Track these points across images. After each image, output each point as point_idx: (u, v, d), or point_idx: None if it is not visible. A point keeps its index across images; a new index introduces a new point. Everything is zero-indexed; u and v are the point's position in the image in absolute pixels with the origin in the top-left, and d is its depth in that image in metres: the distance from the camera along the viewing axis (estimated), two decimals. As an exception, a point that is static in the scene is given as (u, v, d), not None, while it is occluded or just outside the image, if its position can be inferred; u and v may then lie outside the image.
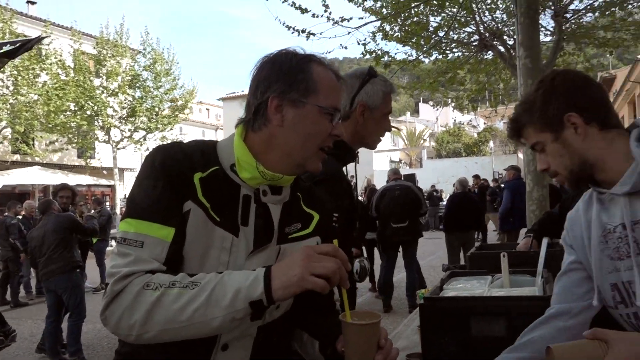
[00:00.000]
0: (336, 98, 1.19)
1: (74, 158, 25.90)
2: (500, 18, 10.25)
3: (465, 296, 1.70)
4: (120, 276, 1.02)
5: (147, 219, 1.06)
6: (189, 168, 1.11)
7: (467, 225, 8.06)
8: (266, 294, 0.98)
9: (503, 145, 42.97)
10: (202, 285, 1.00)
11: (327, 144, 1.18)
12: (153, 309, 0.99)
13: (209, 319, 0.99)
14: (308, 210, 1.29)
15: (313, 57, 1.19)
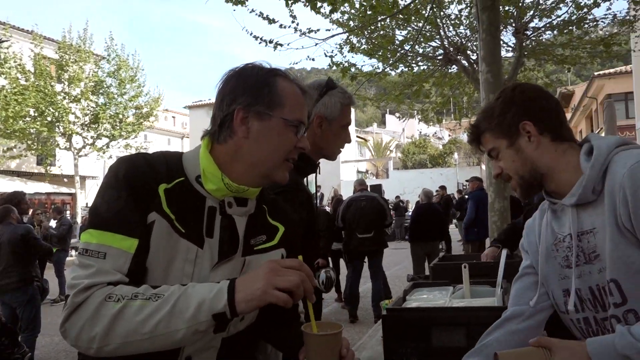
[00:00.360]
0: (301, 111, 1.20)
1: (33, 165, 25.10)
2: (464, 33, 10.52)
3: (427, 307, 1.73)
4: (81, 288, 1.01)
5: (110, 230, 1.05)
6: (153, 179, 1.11)
7: (432, 236, 8.18)
8: (229, 307, 0.98)
9: (467, 157, 43.86)
10: (165, 297, 0.99)
11: (292, 155, 1.20)
12: (114, 321, 0.98)
13: (172, 331, 0.98)
14: (273, 222, 1.29)
15: (278, 71, 1.21)
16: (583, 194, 1.23)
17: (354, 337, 6.26)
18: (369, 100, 12.92)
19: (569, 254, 1.30)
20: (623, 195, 1.15)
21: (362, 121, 71.37)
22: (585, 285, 1.26)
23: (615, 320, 1.20)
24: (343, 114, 1.86)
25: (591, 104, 26.16)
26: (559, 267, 1.34)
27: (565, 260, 1.31)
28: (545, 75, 12.84)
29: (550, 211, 1.38)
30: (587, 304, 1.27)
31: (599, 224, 1.22)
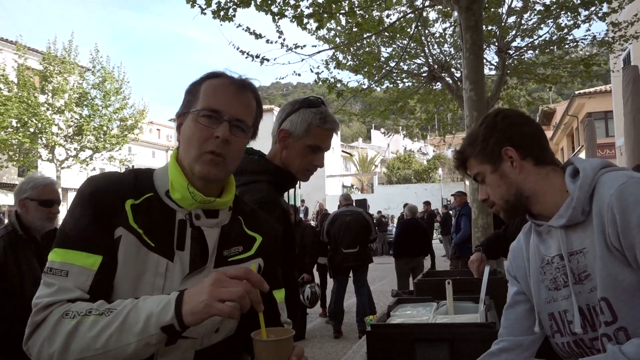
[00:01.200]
0: (216, 100, 1.17)
1: (15, 177, 24.73)
2: (448, 52, 10.70)
3: (411, 323, 1.75)
4: (41, 306, 1.03)
5: (74, 248, 1.07)
6: (119, 196, 1.13)
7: (416, 251, 8.20)
8: (177, 319, 0.96)
9: (451, 172, 44.21)
10: (116, 312, 1.00)
11: (210, 147, 1.15)
12: (70, 337, 0.99)
13: (124, 345, 0.97)
14: (251, 232, 1.29)
15: (214, 74, 1.22)
16: (573, 215, 1.25)
17: (338, 352, 6.24)
18: (354, 116, 13.02)
19: (557, 276, 1.31)
20: (611, 215, 1.17)
21: (347, 136, 71.74)
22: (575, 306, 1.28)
23: (607, 339, 1.21)
24: (309, 134, 1.77)
25: (572, 122, 26.65)
26: (545, 290, 1.35)
27: (552, 283, 1.33)
28: (528, 93, 13.05)
29: (535, 233, 1.40)
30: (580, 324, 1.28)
31: (588, 243, 1.23)
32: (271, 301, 1.27)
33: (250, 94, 1.23)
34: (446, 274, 2.93)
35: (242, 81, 1.22)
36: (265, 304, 1.23)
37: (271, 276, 1.27)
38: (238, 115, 1.17)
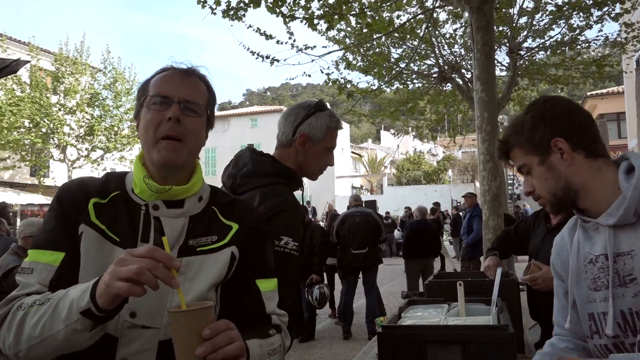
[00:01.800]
0: (164, 87, 1.21)
1: (27, 176, 24.96)
2: (458, 52, 10.65)
3: (422, 325, 1.74)
4: (5, 301, 1.10)
5: (40, 248, 1.15)
6: (83, 196, 1.20)
7: (426, 253, 8.18)
8: (92, 302, 0.96)
9: (461, 174, 44.05)
10: (51, 301, 1.03)
11: (165, 131, 1.18)
12: (19, 328, 1.04)
13: (55, 333, 1.00)
14: (227, 222, 1.28)
15: (161, 69, 1.26)
16: (624, 215, 1.19)
17: (347, 353, 6.23)
18: (364, 117, 13.01)
19: (598, 276, 1.26)
20: None
21: (357, 137, 71.65)
22: (616, 309, 1.22)
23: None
24: (328, 137, 1.88)
25: (584, 123, 26.41)
26: (586, 289, 1.29)
27: (593, 283, 1.27)
28: (539, 94, 12.93)
29: (580, 229, 1.34)
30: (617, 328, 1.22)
31: (637, 246, 1.18)
32: (252, 290, 1.26)
33: (198, 79, 1.26)
34: (457, 276, 2.92)
35: (188, 69, 1.26)
36: (245, 293, 1.26)
37: (251, 264, 1.27)
38: (187, 97, 1.20)
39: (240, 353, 0.99)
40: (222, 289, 1.24)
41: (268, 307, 1.27)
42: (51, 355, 1.05)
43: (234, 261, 1.24)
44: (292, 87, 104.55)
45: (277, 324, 1.28)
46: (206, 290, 1.17)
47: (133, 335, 1.11)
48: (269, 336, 1.21)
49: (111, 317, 1.02)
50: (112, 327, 1.10)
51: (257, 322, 1.24)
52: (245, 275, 1.26)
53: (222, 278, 1.21)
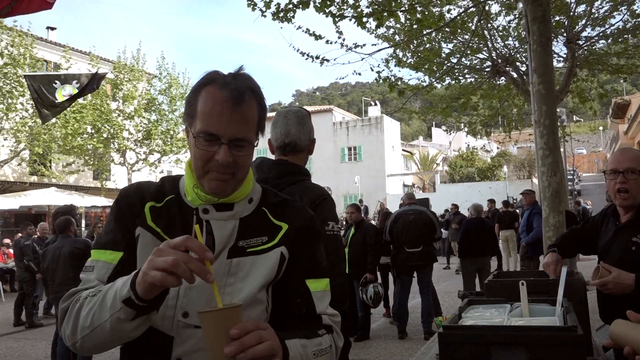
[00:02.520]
0: (212, 122, 1.15)
1: (90, 180, 26.21)
2: (512, 45, 10.35)
3: (485, 325, 1.70)
4: (68, 295, 1.16)
5: (101, 248, 1.22)
6: (139, 200, 1.25)
7: (482, 251, 7.99)
8: (132, 291, 0.99)
9: (517, 170, 42.73)
10: (101, 292, 1.08)
11: (212, 168, 1.17)
12: (75, 319, 1.10)
13: (102, 322, 1.04)
14: (277, 222, 1.29)
15: (210, 79, 1.19)
16: None
17: (403, 353, 6.18)
18: (415, 114, 12.85)
19: None
20: None
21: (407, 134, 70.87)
22: None
23: None
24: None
25: (649, 114, 25.04)
26: None
27: None
28: (599, 85, 12.37)
29: None
30: None
31: None
32: (302, 290, 1.26)
33: (249, 100, 1.19)
34: (518, 275, 2.83)
35: (237, 92, 1.16)
36: (295, 293, 1.25)
37: (301, 264, 1.27)
38: (237, 135, 1.16)
39: (271, 353, 0.98)
40: (273, 289, 1.25)
41: (318, 307, 1.26)
42: (102, 347, 1.10)
43: (284, 261, 1.25)
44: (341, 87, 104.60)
45: (328, 324, 1.26)
46: (257, 291, 1.18)
47: (187, 335, 1.14)
48: (317, 336, 1.19)
49: (153, 308, 1.04)
50: (167, 327, 1.14)
51: (307, 322, 1.24)
52: (295, 276, 1.26)
53: (272, 278, 1.22)
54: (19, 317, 9.14)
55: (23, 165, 22.52)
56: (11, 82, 19.02)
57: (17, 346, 7.53)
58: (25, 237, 9.74)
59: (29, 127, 19.64)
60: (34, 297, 9.23)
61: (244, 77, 1.22)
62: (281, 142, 2.21)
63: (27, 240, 9.50)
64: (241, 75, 1.22)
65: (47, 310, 9.79)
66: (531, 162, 41.72)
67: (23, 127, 19.48)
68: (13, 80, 19.03)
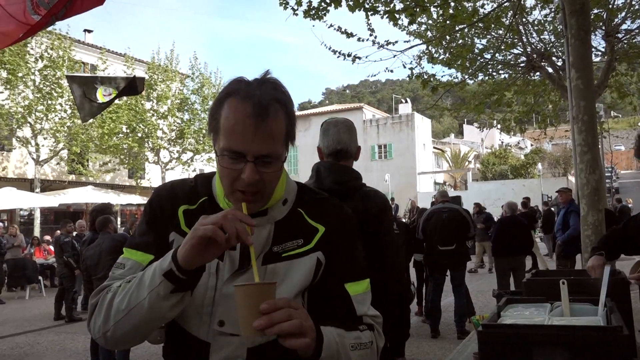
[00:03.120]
0: (236, 139, 1.09)
1: (125, 178, 26.83)
2: (548, 39, 10.10)
3: (527, 324, 1.67)
4: (95, 291, 1.18)
5: (134, 248, 1.22)
6: (172, 203, 1.23)
7: (517, 250, 7.84)
8: (174, 262, 1.02)
9: (552, 167, 41.78)
10: (137, 276, 1.09)
11: (239, 187, 1.12)
12: (107, 307, 1.10)
13: (140, 301, 1.05)
14: (313, 223, 1.24)
15: (233, 91, 1.13)
16: None
17: (436, 352, 6.12)
18: (446, 111, 12.69)
19: None
20: None
21: (438, 132, 70.09)
22: None
23: None
24: None
25: (693, 108, 24.11)
26: None
27: None
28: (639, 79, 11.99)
29: None
30: None
31: None
32: (341, 295, 1.22)
33: (275, 113, 1.11)
34: (557, 274, 2.78)
35: (261, 106, 1.08)
36: (334, 298, 1.22)
37: (340, 268, 1.23)
38: (263, 152, 1.09)
39: (299, 331, 0.97)
40: (309, 293, 1.22)
41: (359, 310, 1.22)
42: (134, 333, 1.10)
43: (320, 267, 1.21)
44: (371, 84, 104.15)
45: (369, 323, 1.23)
46: (292, 297, 1.15)
47: (223, 342, 1.14)
48: (357, 330, 1.17)
49: (191, 284, 1.05)
50: (203, 333, 1.15)
51: (345, 322, 1.19)
52: (333, 280, 1.22)
53: (308, 284, 1.19)
54: (59, 311, 9.43)
55: (62, 164, 23.22)
56: (50, 83, 19.62)
57: (58, 339, 7.78)
58: (65, 234, 10.04)
59: (68, 128, 20.22)
60: (73, 292, 9.51)
61: (269, 84, 1.13)
62: (333, 149, 2.38)
63: (67, 237, 9.78)
64: (267, 83, 1.13)
65: (84, 306, 10.08)
66: (567, 159, 40.74)
67: (62, 127, 20.07)
68: (52, 82, 19.63)
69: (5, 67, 18.65)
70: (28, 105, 19.25)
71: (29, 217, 22.08)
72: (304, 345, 0.98)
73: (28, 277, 12.49)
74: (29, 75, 19.25)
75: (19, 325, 8.90)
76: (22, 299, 12.22)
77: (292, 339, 0.96)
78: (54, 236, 14.82)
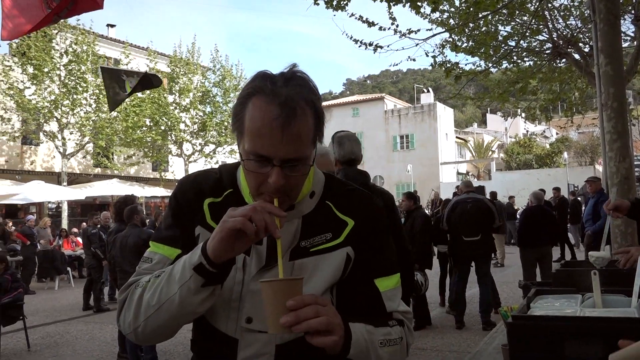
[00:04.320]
0: (262, 143, 1.04)
1: (149, 171, 27.20)
2: (574, 25, 9.86)
3: (558, 315, 1.64)
4: (124, 286, 1.17)
5: (161, 242, 1.21)
6: (197, 196, 1.21)
7: (543, 240, 7.71)
8: (204, 256, 1.01)
9: (578, 156, 40.96)
10: (166, 272, 1.09)
11: (265, 190, 1.08)
12: (137, 303, 1.10)
13: (171, 296, 1.04)
14: (342, 216, 1.21)
15: (258, 89, 1.06)
16: None
17: (461, 343, 6.08)
18: (469, 100, 12.51)
19: None
20: None
21: (461, 121, 69.25)
22: None
23: None
24: None
25: None
26: None
27: None
28: (670, 64, 11.61)
29: None
30: None
31: None
32: (371, 291, 1.19)
33: (302, 114, 1.05)
34: (587, 264, 2.72)
35: (289, 108, 1.02)
36: (363, 294, 1.19)
37: (369, 263, 1.20)
38: (290, 156, 1.05)
39: (327, 328, 0.95)
40: (337, 290, 1.20)
41: (389, 307, 1.19)
42: (165, 328, 1.10)
43: (349, 262, 1.19)
44: (392, 74, 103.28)
45: (399, 319, 1.20)
46: (320, 293, 1.13)
47: (251, 339, 1.14)
48: (386, 326, 1.14)
49: (221, 278, 1.04)
50: (231, 329, 1.15)
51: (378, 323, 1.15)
52: (362, 276, 1.19)
53: (336, 279, 1.17)
54: (87, 301, 9.63)
55: (87, 157, 23.65)
56: (75, 78, 19.94)
57: (87, 329, 7.95)
58: (92, 226, 10.23)
59: (93, 122, 20.55)
60: (101, 283, 9.71)
61: (296, 81, 1.07)
62: (348, 158, 3.12)
63: (94, 229, 9.97)
64: (294, 79, 1.07)
65: (111, 296, 10.27)
66: (593, 148, 39.89)
67: (87, 121, 20.40)
68: (77, 77, 19.94)
69: (32, 63, 19.00)
70: (54, 100, 19.60)
71: (57, 209, 22.58)
72: (331, 343, 0.96)
73: (57, 268, 12.78)
74: (54, 71, 19.59)
75: (49, 315, 9.13)
76: (52, 289, 12.51)
77: (320, 336, 0.95)
78: (80, 228, 15.14)
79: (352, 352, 1.03)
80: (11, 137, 19.96)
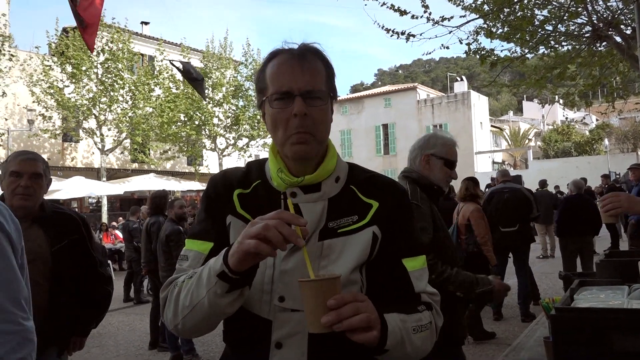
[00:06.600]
0: (282, 81, 1.18)
1: (185, 165, 27.67)
2: (615, 7, 9.49)
3: (604, 308, 1.59)
4: (165, 284, 1.24)
5: (194, 238, 1.27)
6: (227, 189, 1.27)
7: (583, 230, 7.49)
8: (225, 264, 1.03)
9: (620, 142, 39.58)
10: (197, 274, 1.13)
11: (294, 129, 1.17)
12: (175, 303, 1.15)
13: (201, 299, 1.08)
14: (367, 200, 1.26)
15: (272, 54, 1.24)
16: None
17: (499, 334, 5.99)
18: (505, 87, 12.22)
19: None
20: None
21: (496, 109, 67.86)
22: None
23: None
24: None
25: None
26: None
27: None
28: None
29: None
30: None
31: None
32: (398, 270, 1.23)
33: (313, 59, 1.21)
34: (632, 254, 2.63)
35: (300, 50, 1.21)
36: (391, 273, 1.23)
37: (396, 243, 1.24)
38: (308, 87, 1.17)
39: (367, 325, 0.98)
40: (367, 270, 1.22)
41: (417, 286, 1.23)
42: (201, 326, 1.14)
43: (377, 241, 1.22)
44: (425, 63, 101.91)
45: (427, 302, 1.23)
46: (349, 272, 1.17)
47: (284, 319, 1.16)
48: (417, 312, 1.17)
49: (246, 282, 1.07)
50: (265, 311, 1.17)
51: (404, 301, 1.20)
52: (390, 255, 1.23)
53: (365, 258, 1.20)
54: (127, 293, 9.89)
55: (125, 153, 24.24)
56: (112, 76, 20.40)
57: (127, 320, 8.17)
58: (134, 221, 10.48)
59: (129, 118, 21.00)
60: (141, 275, 9.93)
61: (309, 46, 1.24)
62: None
63: (135, 223, 10.21)
64: (307, 46, 1.23)
65: (151, 289, 10.51)
66: (636, 134, 38.49)
67: (124, 117, 20.87)
68: (114, 75, 20.40)
69: (70, 62, 19.54)
70: (92, 97, 20.11)
71: (97, 204, 23.22)
72: (372, 339, 1.00)
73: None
74: (92, 69, 20.09)
75: (92, 307, 9.41)
76: (94, 282, 12.89)
77: (361, 333, 0.98)
78: (119, 222, 15.53)
79: (389, 343, 1.05)
80: (52, 134, 20.60)
